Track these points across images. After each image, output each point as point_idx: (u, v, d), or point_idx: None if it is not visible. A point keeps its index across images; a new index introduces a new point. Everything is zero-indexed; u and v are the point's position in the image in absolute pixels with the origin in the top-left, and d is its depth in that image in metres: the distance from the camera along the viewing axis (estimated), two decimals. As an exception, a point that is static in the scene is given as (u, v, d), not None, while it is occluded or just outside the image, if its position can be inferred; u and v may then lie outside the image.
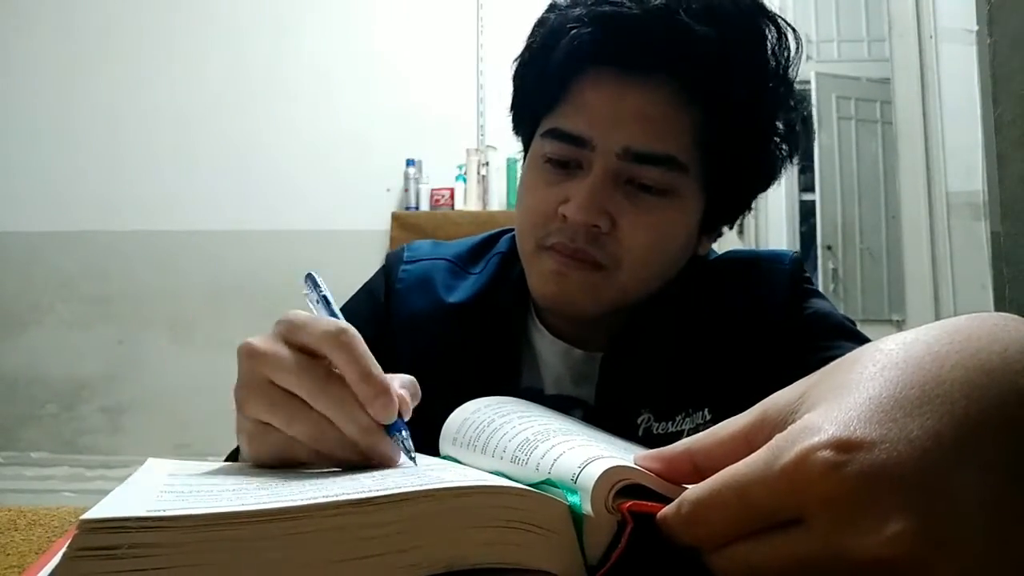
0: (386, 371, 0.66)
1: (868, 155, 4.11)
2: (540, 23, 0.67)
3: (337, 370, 0.41)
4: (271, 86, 3.28)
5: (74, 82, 3.30)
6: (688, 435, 0.66)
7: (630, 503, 0.32)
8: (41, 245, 3.28)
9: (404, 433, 0.42)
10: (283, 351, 0.42)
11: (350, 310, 0.77)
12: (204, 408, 3.09)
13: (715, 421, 0.69)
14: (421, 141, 3.20)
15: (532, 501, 0.32)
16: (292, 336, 0.42)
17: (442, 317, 0.73)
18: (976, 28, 2.14)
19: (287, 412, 0.41)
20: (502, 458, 0.40)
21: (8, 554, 0.38)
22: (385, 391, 0.41)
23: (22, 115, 3.31)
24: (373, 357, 0.42)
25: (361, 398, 0.40)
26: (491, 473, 0.39)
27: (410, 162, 3.14)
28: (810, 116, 0.74)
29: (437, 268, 0.76)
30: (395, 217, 3.11)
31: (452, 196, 3.13)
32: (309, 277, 0.48)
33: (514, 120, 0.73)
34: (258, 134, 3.26)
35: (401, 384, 0.44)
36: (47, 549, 0.36)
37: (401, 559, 0.29)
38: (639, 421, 0.66)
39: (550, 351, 0.72)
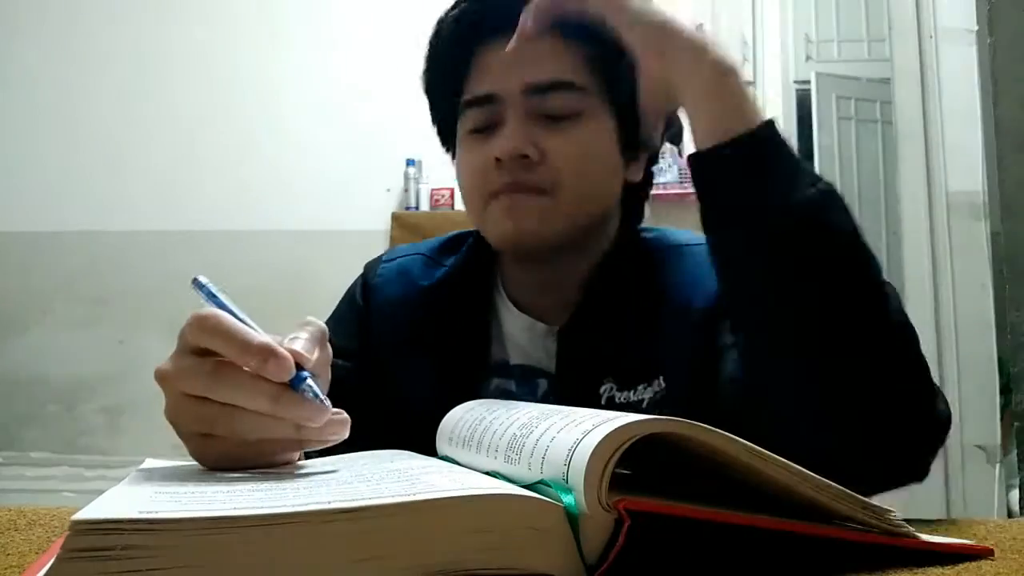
0: (368, 366, 0.71)
1: (868, 155, 4.11)
2: (433, 35, 0.76)
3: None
4: (271, 86, 3.28)
5: (74, 82, 3.30)
6: (649, 404, 0.70)
7: (626, 500, 0.31)
8: (41, 245, 3.28)
9: (309, 382, 0.42)
10: (184, 361, 0.43)
11: (334, 316, 0.83)
12: (204, 408, 3.09)
13: (669, 389, 0.73)
14: (421, 141, 3.19)
15: (527, 504, 0.32)
16: (186, 342, 0.43)
17: (415, 299, 0.79)
18: (976, 28, 2.13)
19: (208, 417, 0.42)
20: (496, 458, 0.40)
21: (8, 554, 0.38)
22: (269, 351, 0.41)
23: (22, 115, 3.31)
24: (247, 327, 0.43)
25: (251, 369, 0.41)
26: (488, 474, 0.39)
27: (410, 162, 3.14)
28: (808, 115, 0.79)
29: (414, 262, 0.82)
30: (395, 217, 3.11)
31: (452, 196, 3.12)
32: (195, 282, 0.48)
33: (440, 133, 0.81)
34: (258, 134, 3.26)
35: (292, 337, 0.45)
36: (47, 549, 0.36)
37: (393, 564, 0.29)
38: (601, 391, 0.70)
39: (515, 325, 0.76)
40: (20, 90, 3.32)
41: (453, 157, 0.79)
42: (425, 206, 3.14)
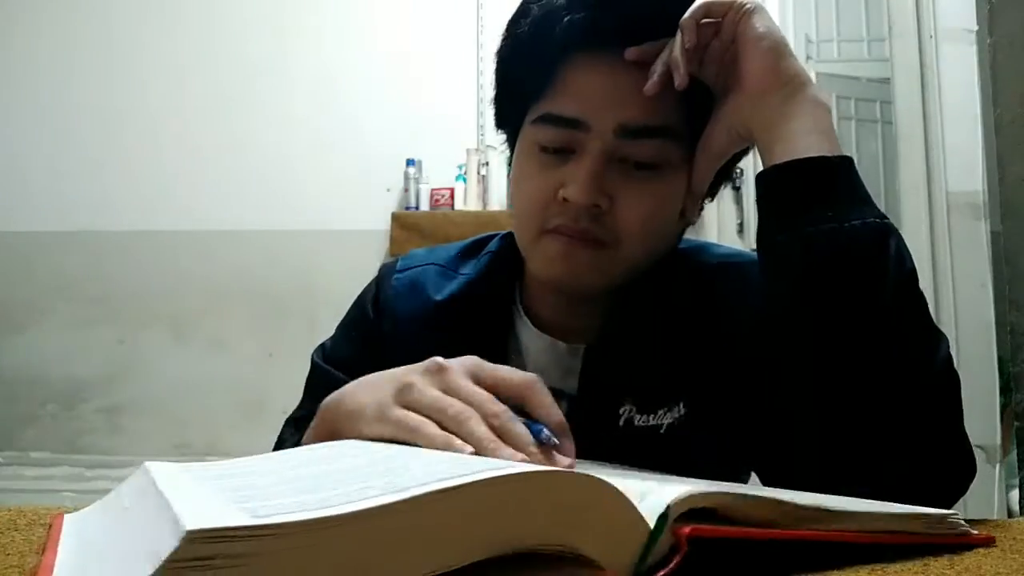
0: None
1: (868, 155, 4.10)
2: (523, 13, 0.68)
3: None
4: (271, 86, 3.28)
5: (74, 82, 3.30)
6: (667, 429, 0.69)
7: (690, 528, 0.32)
8: (41, 245, 3.27)
9: (546, 433, 0.47)
10: (480, 389, 0.48)
11: (345, 323, 0.81)
12: (204, 408, 3.09)
13: (690, 415, 0.73)
14: (421, 141, 3.20)
15: (587, 488, 0.32)
16: (483, 375, 0.49)
17: (429, 315, 0.75)
18: (976, 28, 2.13)
19: (457, 421, 0.46)
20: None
21: (8, 554, 0.38)
22: (569, 437, 0.48)
23: (22, 115, 3.31)
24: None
25: (556, 440, 0.46)
26: None
27: (410, 162, 3.14)
28: None
29: (427, 273, 0.78)
30: (395, 217, 3.11)
31: (452, 196, 3.12)
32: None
33: (498, 114, 0.74)
34: (258, 134, 3.26)
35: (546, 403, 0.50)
36: (47, 548, 0.36)
37: (480, 539, 0.30)
38: (621, 412, 0.69)
39: (535, 344, 0.74)
40: (20, 89, 3.32)
41: (506, 139, 0.74)
42: (425, 206, 3.14)
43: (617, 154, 0.65)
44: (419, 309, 0.75)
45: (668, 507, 0.32)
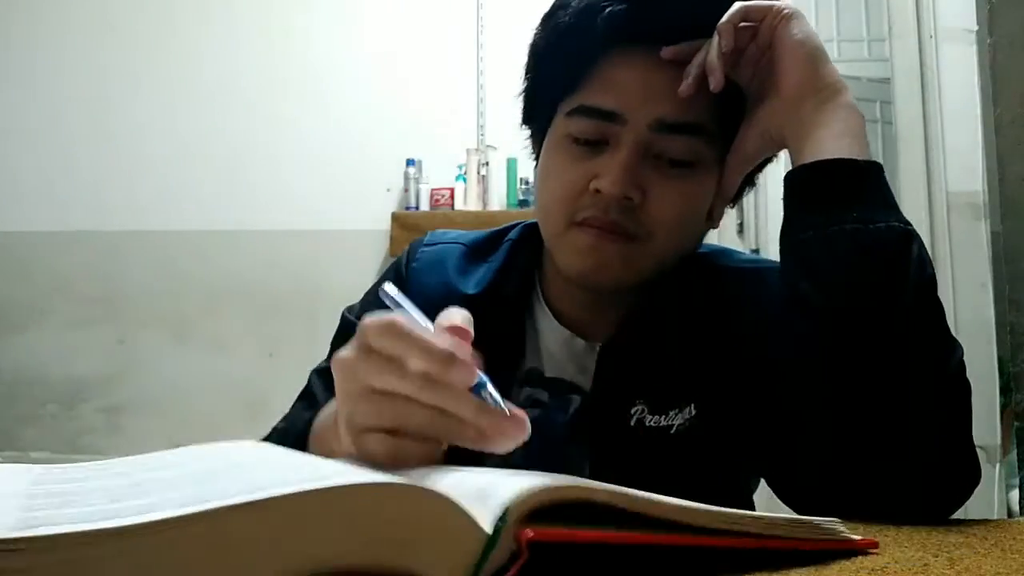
0: None
1: (868, 155, 4.10)
2: (561, 6, 0.68)
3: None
4: (271, 86, 3.28)
5: (73, 82, 3.30)
6: (678, 430, 0.69)
7: (533, 531, 0.29)
8: (41, 245, 3.28)
9: (490, 389, 0.41)
10: (376, 357, 0.42)
11: (369, 299, 0.80)
12: (204, 408, 3.09)
13: (700, 416, 0.72)
14: (421, 141, 3.20)
15: (413, 500, 0.29)
16: (365, 343, 0.42)
17: (454, 304, 0.74)
18: (976, 28, 2.13)
19: (403, 414, 0.41)
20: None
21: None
22: (452, 358, 0.40)
23: (21, 115, 3.31)
24: (427, 329, 0.42)
25: (433, 374, 0.40)
26: None
27: (410, 162, 3.14)
28: None
29: (452, 251, 0.78)
30: (395, 217, 3.11)
31: (452, 196, 3.12)
32: (382, 291, 0.46)
33: (529, 106, 0.74)
34: (258, 134, 3.26)
35: (451, 327, 0.43)
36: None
37: (268, 563, 0.27)
38: (632, 412, 0.68)
39: (552, 337, 0.74)
40: (19, 89, 3.32)
41: (531, 135, 0.74)
42: (425, 206, 3.14)
43: (652, 149, 0.65)
44: (441, 291, 0.74)
45: (506, 510, 0.30)
